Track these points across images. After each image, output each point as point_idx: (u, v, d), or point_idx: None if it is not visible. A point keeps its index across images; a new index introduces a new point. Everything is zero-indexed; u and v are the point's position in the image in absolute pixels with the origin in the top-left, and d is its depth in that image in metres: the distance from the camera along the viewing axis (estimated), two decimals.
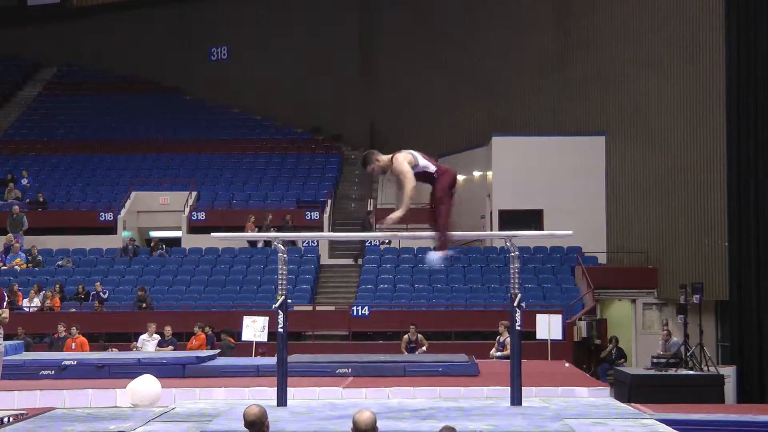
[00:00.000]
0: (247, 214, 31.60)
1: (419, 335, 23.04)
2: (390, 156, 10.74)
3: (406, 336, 23.30)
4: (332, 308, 27.36)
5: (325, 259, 30.54)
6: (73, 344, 22.21)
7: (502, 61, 33.73)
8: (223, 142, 38.46)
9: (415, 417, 10.79)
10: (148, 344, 23.00)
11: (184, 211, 32.31)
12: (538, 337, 22.47)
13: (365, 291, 27.72)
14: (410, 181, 10.55)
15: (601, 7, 31.21)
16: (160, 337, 23.16)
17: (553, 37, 32.59)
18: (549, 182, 30.37)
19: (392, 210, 32.88)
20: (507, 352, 21.39)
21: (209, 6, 42.62)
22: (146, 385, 13.51)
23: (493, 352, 22.34)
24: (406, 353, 22.64)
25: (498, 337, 22.29)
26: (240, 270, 29.12)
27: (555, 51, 32.44)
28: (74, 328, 22.58)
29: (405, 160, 10.61)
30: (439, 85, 35.51)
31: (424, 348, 22.73)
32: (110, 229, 31.80)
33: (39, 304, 26.25)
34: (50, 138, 39.16)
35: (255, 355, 21.92)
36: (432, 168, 10.81)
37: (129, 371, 15.77)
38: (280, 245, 11.80)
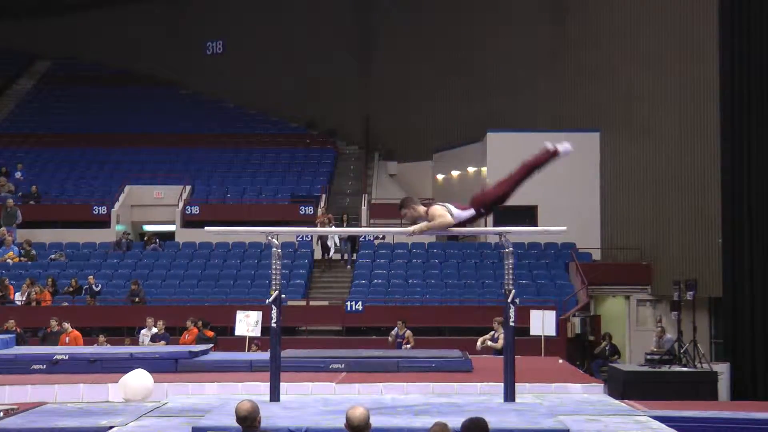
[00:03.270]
0: (241, 209, 31.63)
1: (407, 331, 22.96)
2: (425, 209, 10.92)
3: (393, 331, 23.28)
4: (326, 303, 27.32)
5: (318, 254, 30.48)
6: (67, 339, 22.12)
7: (497, 57, 33.71)
8: (218, 136, 38.43)
9: (408, 413, 10.77)
10: (147, 339, 22.98)
11: (178, 205, 32.28)
12: (531, 333, 22.46)
13: (359, 286, 27.69)
14: (443, 221, 10.79)
15: (595, 2, 31.20)
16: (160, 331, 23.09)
17: (548, 33, 32.57)
18: (543, 178, 29.88)
19: (387, 206, 32.79)
20: (498, 345, 21.41)
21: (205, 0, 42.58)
22: (138, 379, 13.46)
23: (480, 343, 22.16)
24: (392, 346, 22.65)
25: (492, 333, 22.22)
26: (234, 264, 29.09)
27: (550, 47, 32.43)
28: (65, 323, 22.48)
29: (440, 214, 10.83)
30: (434, 80, 35.47)
31: (409, 345, 22.63)
32: (104, 222, 31.78)
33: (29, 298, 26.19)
34: (45, 131, 39.06)
35: (248, 350, 21.90)
36: (468, 213, 10.96)
37: (121, 366, 15.69)
38: (274, 240, 11.75)
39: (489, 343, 21.91)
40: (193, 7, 42.73)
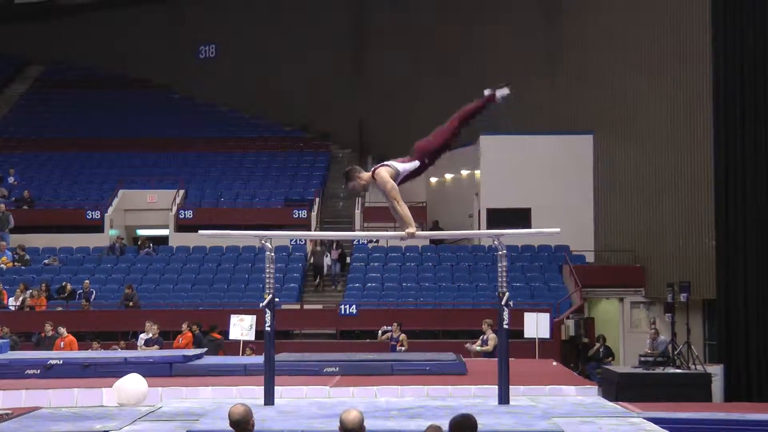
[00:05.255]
0: (234, 213, 31.61)
1: (402, 334, 22.97)
2: (371, 172, 10.58)
3: (387, 328, 23.26)
4: (320, 307, 27.32)
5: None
6: (62, 343, 22.11)
7: (491, 60, 33.68)
8: (211, 140, 38.40)
9: (402, 416, 10.78)
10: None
11: (171, 209, 32.25)
12: (525, 336, 22.49)
13: (353, 290, 27.69)
14: (398, 197, 10.40)
15: (590, 6, 31.22)
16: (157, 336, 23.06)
17: (542, 36, 32.59)
18: (537, 181, 30.39)
19: (381, 210, 32.84)
20: (487, 348, 21.50)
21: (198, 4, 42.54)
22: (133, 384, 13.45)
23: (469, 346, 22.21)
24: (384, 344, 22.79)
25: (482, 336, 22.26)
26: (227, 268, 29.07)
27: (544, 50, 32.43)
28: (61, 327, 22.47)
29: (387, 173, 10.45)
30: (428, 83, 35.48)
31: (403, 348, 22.66)
32: (97, 227, 31.74)
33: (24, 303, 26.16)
34: (38, 135, 39.03)
35: (242, 354, 21.88)
36: (412, 165, 10.72)
37: (115, 370, 15.69)
38: (267, 243, 11.75)
39: (477, 348, 21.97)
40: (186, 11, 42.71)
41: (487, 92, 11.36)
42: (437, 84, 35.20)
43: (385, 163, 10.67)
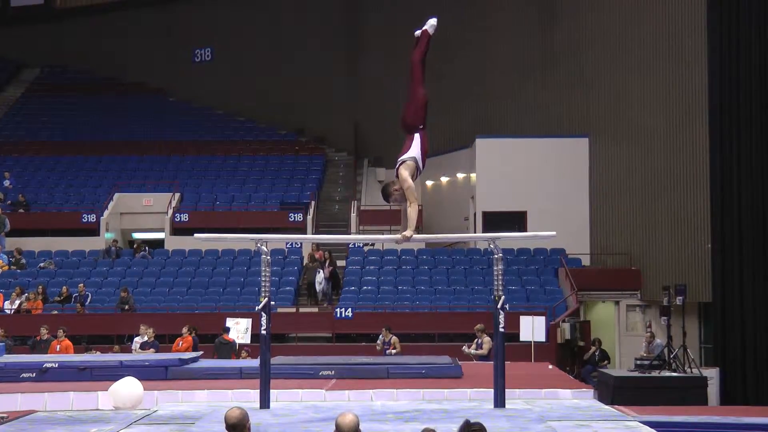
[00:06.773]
0: (230, 216, 31.60)
1: (393, 337, 22.95)
2: (396, 175, 10.80)
3: (380, 338, 23.30)
4: (315, 310, 27.30)
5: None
6: (58, 347, 22.06)
7: (486, 63, 33.74)
8: (207, 143, 38.37)
9: (398, 419, 10.79)
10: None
11: (167, 212, 32.21)
12: (521, 339, 22.50)
13: (348, 293, 27.67)
14: (412, 198, 10.66)
15: (584, 8, 31.26)
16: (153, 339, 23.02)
17: (537, 38, 32.62)
18: (533, 184, 30.42)
19: (377, 213, 32.61)
20: (482, 351, 21.52)
21: (194, 7, 42.53)
22: (128, 387, 13.43)
23: (466, 349, 22.25)
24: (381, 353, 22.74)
25: (476, 339, 22.27)
26: (223, 272, 29.05)
27: (538, 52, 32.47)
28: (61, 330, 22.41)
29: (407, 171, 10.60)
30: None
31: (395, 351, 22.64)
32: (93, 230, 31.69)
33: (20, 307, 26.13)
34: (33, 139, 38.98)
35: (238, 357, 21.88)
36: (417, 140, 10.96)
37: (111, 373, 15.67)
38: (263, 247, 11.76)
39: (473, 351, 21.99)
40: (181, 14, 42.69)
41: (418, 33, 11.57)
42: (431, 87, 35.08)
43: (402, 159, 10.84)
